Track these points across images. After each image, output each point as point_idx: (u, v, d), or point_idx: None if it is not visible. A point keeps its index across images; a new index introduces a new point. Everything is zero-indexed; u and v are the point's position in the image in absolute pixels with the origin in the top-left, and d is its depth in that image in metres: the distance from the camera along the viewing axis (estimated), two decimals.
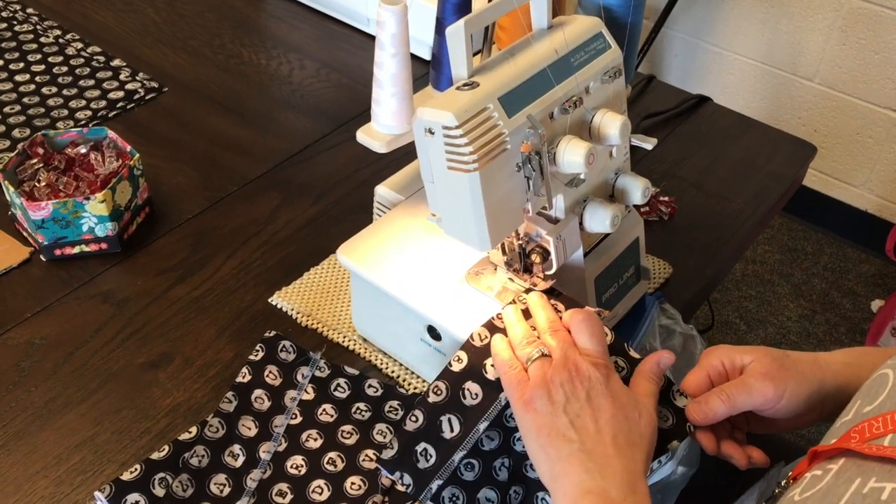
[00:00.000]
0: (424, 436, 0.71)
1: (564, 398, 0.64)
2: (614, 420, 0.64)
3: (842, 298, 2.20)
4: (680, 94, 1.30)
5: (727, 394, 0.69)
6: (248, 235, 1.02)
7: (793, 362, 0.71)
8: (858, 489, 0.51)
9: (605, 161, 0.81)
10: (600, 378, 0.65)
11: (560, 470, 0.63)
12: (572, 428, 0.64)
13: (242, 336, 0.90)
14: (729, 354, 0.72)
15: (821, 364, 0.72)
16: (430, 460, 0.71)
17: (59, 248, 0.95)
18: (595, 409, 0.64)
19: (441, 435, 0.71)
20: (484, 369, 0.72)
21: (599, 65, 0.77)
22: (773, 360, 0.70)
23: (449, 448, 0.71)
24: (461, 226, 0.73)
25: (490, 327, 0.74)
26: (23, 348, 0.87)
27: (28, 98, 1.19)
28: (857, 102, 2.18)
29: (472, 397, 0.71)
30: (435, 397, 0.72)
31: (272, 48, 1.35)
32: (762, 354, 0.71)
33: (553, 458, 0.64)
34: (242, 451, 0.78)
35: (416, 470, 0.71)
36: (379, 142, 0.82)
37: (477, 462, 0.72)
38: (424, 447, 0.71)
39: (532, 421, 0.65)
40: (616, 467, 0.62)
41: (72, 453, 0.79)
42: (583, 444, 0.63)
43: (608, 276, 0.85)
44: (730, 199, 1.12)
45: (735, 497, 0.81)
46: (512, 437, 0.72)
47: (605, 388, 0.65)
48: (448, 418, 0.71)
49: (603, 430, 0.63)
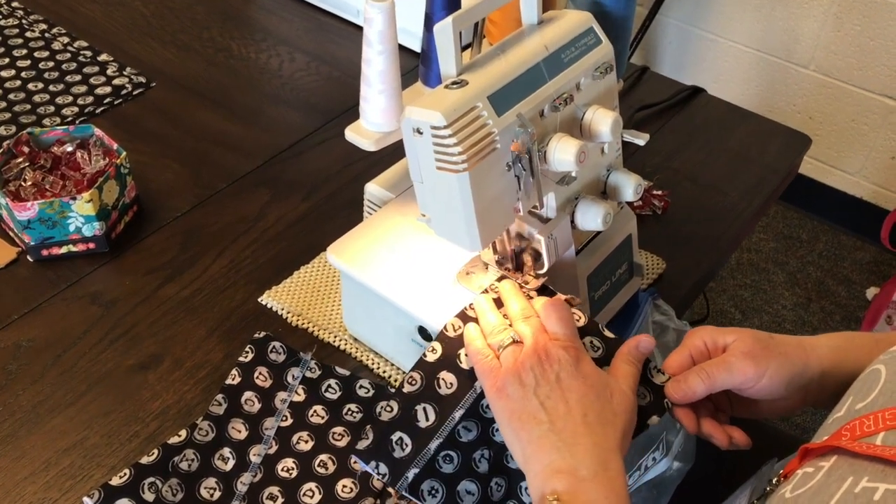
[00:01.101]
0: (400, 425, 0.71)
1: (534, 381, 0.65)
2: (585, 399, 0.64)
3: (837, 286, 2.20)
4: (673, 85, 1.29)
5: (707, 372, 0.69)
6: (237, 233, 1.01)
7: (776, 343, 0.71)
8: (850, 488, 0.51)
9: (597, 158, 0.80)
10: (569, 360, 0.66)
11: (531, 451, 0.64)
12: (542, 409, 0.64)
13: (232, 336, 0.89)
14: (712, 335, 0.72)
15: (805, 347, 0.72)
16: (405, 449, 0.70)
17: (46, 249, 0.94)
18: (565, 390, 0.65)
19: (416, 424, 0.71)
20: (458, 359, 0.72)
21: (590, 60, 0.76)
22: (755, 341, 0.70)
23: (424, 436, 0.70)
24: (451, 226, 0.72)
25: (463, 317, 0.74)
26: (10, 351, 0.86)
27: (14, 94, 1.18)
28: (853, 89, 2.17)
29: (447, 387, 0.71)
30: (410, 387, 0.72)
31: (261, 41, 1.33)
32: (745, 335, 0.71)
33: (524, 440, 0.64)
34: (232, 454, 0.78)
35: (391, 459, 0.70)
36: (368, 140, 0.81)
37: (456, 454, 0.72)
38: (400, 436, 0.71)
39: (504, 407, 0.66)
40: (586, 445, 0.62)
41: (60, 457, 0.78)
42: (552, 424, 0.63)
43: (601, 274, 0.84)
44: (724, 191, 1.11)
45: (729, 494, 0.81)
46: (490, 429, 0.72)
47: (574, 369, 0.65)
48: (423, 407, 0.71)
49: (573, 409, 0.64)
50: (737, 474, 0.81)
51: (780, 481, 0.62)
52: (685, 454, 0.91)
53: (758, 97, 2.33)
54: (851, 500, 0.50)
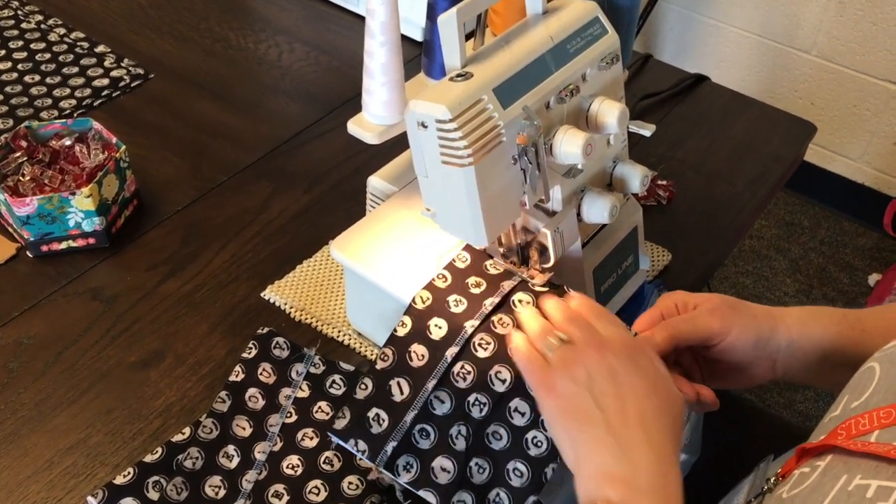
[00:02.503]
0: (375, 401, 0.71)
1: (588, 377, 0.61)
2: (643, 399, 0.61)
3: (839, 273, 2.19)
4: (677, 73, 1.28)
5: (671, 324, 0.69)
6: (239, 227, 1.00)
7: (745, 306, 0.71)
8: (844, 486, 0.51)
9: (603, 149, 0.79)
10: (627, 354, 0.63)
11: (584, 452, 0.60)
12: (597, 407, 0.60)
13: (235, 332, 0.88)
14: (683, 297, 0.73)
15: (774, 314, 0.72)
16: (382, 424, 0.71)
17: (45, 244, 0.93)
18: (621, 386, 0.61)
19: (392, 399, 0.71)
20: (428, 330, 0.72)
21: (596, 51, 0.75)
22: (723, 301, 0.71)
23: (400, 410, 0.71)
24: (457, 221, 0.72)
25: (431, 289, 0.74)
26: (11, 348, 0.86)
27: (10, 87, 1.17)
28: (855, 74, 2.15)
29: (418, 359, 0.71)
30: (383, 363, 0.72)
31: (260, 31, 1.32)
32: (714, 297, 0.72)
33: (578, 440, 0.61)
34: (237, 451, 0.77)
35: (369, 435, 0.71)
36: (371, 133, 0.80)
37: (432, 429, 0.71)
38: (376, 412, 0.71)
39: (555, 405, 0.62)
40: (645, 452, 0.59)
41: (63, 456, 0.77)
42: (608, 424, 0.60)
43: (607, 267, 0.83)
44: (729, 181, 1.10)
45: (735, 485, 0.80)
46: (466, 403, 0.70)
47: (632, 363, 0.62)
48: (397, 381, 0.71)
49: (629, 409, 0.60)
50: (743, 465, 0.81)
51: (779, 481, 0.62)
52: (692, 446, 0.90)
53: (760, 83, 2.31)
54: (845, 498, 0.50)
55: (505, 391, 0.69)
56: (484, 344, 0.70)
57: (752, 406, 1.06)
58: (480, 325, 0.71)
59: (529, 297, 0.73)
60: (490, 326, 0.71)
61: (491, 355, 0.69)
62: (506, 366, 0.69)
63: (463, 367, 0.70)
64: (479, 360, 0.70)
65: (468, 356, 0.70)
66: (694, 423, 0.90)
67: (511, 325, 0.71)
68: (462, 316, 0.72)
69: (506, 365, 0.69)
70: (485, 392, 0.69)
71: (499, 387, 0.69)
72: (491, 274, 0.75)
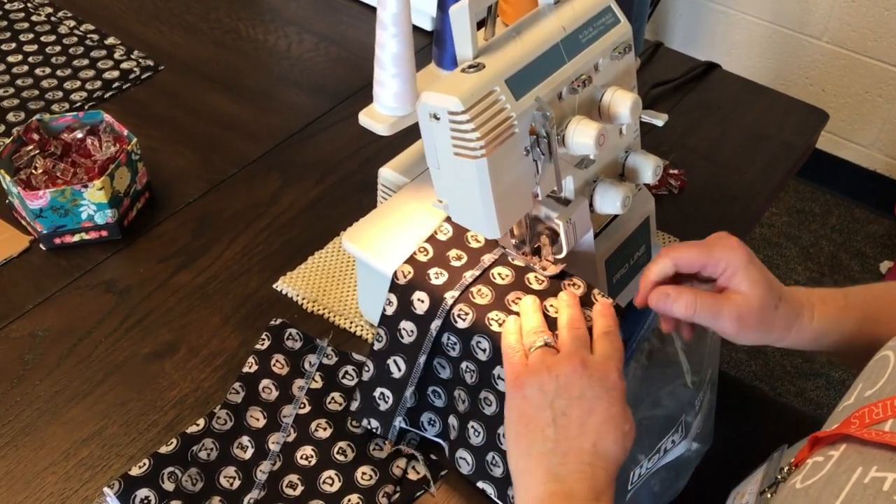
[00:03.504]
0: (378, 381, 0.76)
1: (555, 391, 0.62)
2: (601, 427, 0.61)
3: (850, 260, 2.18)
4: (687, 61, 1.27)
5: (696, 304, 0.66)
6: (250, 219, 1.00)
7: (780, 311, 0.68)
8: (860, 479, 0.51)
9: (616, 140, 0.78)
10: (605, 382, 0.62)
11: (526, 465, 0.62)
12: (553, 425, 0.61)
13: (248, 323, 0.88)
14: (731, 269, 0.67)
15: (798, 296, 0.70)
16: (388, 402, 0.76)
17: (58, 237, 0.94)
18: (584, 411, 0.61)
19: (391, 376, 0.75)
20: (412, 305, 0.73)
21: (609, 41, 0.74)
22: (762, 307, 0.67)
23: (400, 386, 0.75)
24: (469, 212, 0.71)
25: (412, 263, 0.74)
26: (26, 341, 0.86)
27: (21, 80, 1.17)
28: (867, 60, 2.14)
29: (408, 335, 0.74)
30: (379, 344, 0.76)
31: (269, 21, 1.32)
32: (754, 296, 0.67)
33: (524, 451, 0.62)
34: (251, 442, 0.77)
35: (378, 413, 0.76)
36: (382, 124, 0.79)
37: (442, 391, 0.75)
38: (381, 391, 0.76)
39: (517, 406, 0.63)
40: (586, 475, 0.60)
41: (79, 448, 0.78)
42: (557, 444, 0.61)
43: (619, 257, 0.83)
44: (741, 170, 1.10)
45: (747, 474, 0.80)
46: (460, 369, 0.73)
47: (606, 392, 0.62)
48: (394, 360, 0.75)
49: (586, 434, 0.61)
50: (755, 454, 0.81)
51: (792, 470, 0.62)
52: (703, 435, 0.90)
53: (770, 70, 2.30)
54: (861, 492, 0.50)
55: (486, 360, 0.70)
56: (462, 315, 0.71)
57: (763, 395, 1.06)
58: (460, 295, 0.72)
59: (542, 279, 0.74)
60: (469, 297, 0.72)
61: (469, 326, 0.70)
62: (484, 336, 0.70)
63: (449, 339, 0.72)
64: (460, 331, 0.71)
65: (450, 327, 0.71)
66: (706, 411, 0.90)
67: (489, 297, 0.72)
68: (442, 287, 0.73)
69: (484, 335, 0.70)
70: (471, 360, 0.71)
71: (480, 356, 0.71)
72: (472, 247, 0.77)
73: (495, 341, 0.69)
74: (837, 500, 0.51)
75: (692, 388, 0.84)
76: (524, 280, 0.73)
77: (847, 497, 0.50)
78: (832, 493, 0.52)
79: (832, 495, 0.51)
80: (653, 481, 0.87)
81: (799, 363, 1.94)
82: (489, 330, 0.70)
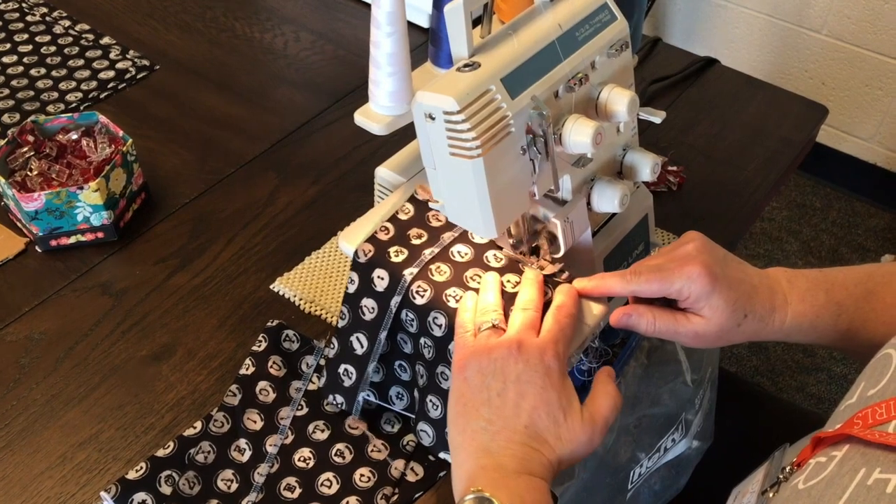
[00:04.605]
0: (342, 358, 0.77)
1: (493, 373, 0.63)
2: (534, 411, 0.62)
3: (851, 254, 2.18)
4: (686, 56, 1.26)
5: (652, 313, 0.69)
6: (247, 219, 1.00)
7: (733, 279, 0.69)
8: (863, 480, 0.50)
9: (613, 137, 0.78)
10: (539, 364, 0.63)
11: (461, 442, 0.63)
12: (488, 405, 0.62)
13: (245, 325, 0.88)
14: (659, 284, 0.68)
15: (774, 303, 0.70)
16: (351, 377, 0.77)
17: (54, 239, 0.93)
18: (519, 394, 0.62)
19: (354, 353, 0.76)
20: (373, 283, 0.74)
21: (605, 38, 0.74)
22: (706, 268, 0.67)
23: (363, 362, 0.76)
24: (466, 212, 0.71)
25: (372, 241, 0.75)
26: (22, 344, 0.86)
27: (16, 80, 1.16)
28: (867, 53, 2.13)
29: (369, 312, 0.75)
30: (342, 322, 0.77)
31: (266, 20, 1.31)
32: (697, 258, 0.68)
33: (460, 428, 0.63)
34: (248, 445, 0.77)
35: (343, 389, 0.78)
36: (378, 124, 0.79)
37: (407, 364, 0.76)
38: (345, 367, 0.77)
39: (458, 388, 0.64)
40: (517, 453, 0.61)
41: (76, 451, 0.78)
42: (490, 423, 0.62)
43: (617, 256, 0.83)
44: (740, 166, 1.09)
45: (750, 472, 0.80)
46: (419, 345, 0.73)
47: (540, 377, 0.62)
48: (356, 337, 0.76)
49: (521, 416, 0.62)
50: (756, 452, 0.80)
51: (794, 470, 0.62)
52: (703, 433, 0.90)
53: (770, 63, 2.29)
54: (864, 493, 0.49)
55: (442, 335, 0.71)
56: (421, 291, 0.72)
57: (763, 392, 1.06)
58: (419, 272, 0.73)
59: (501, 257, 0.75)
60: (427, 274, 0.73)
61: (427, 302, 0.71)
62: (441, 312, 0.71)
63: (407, 315, 0.73)
64: (418, 308, 0.72)
65: (409, 304, 0.72)
66: (706, 409, 0.89)
67: (448, 274, 0.73)
68: (402, 265, 0.74)
69: (441, 311, 0.71)
70: (428, 336, 0.72)
71: (436, 331, 0.71)
72: (433, 226, 0.77)
73: (451, 317, 0.70)
74: (840, 501, 0.50)
75: (692, 386, 0.83)
76: (483, 258, 0.75)
77: (850, 498, 0.50)
78: (835, 494, 0.51)
79: (835, 496, 0.51)
80: (653, 480, 0.86)
81: (800, 358, 1.93)
82: (446, 306, 0.71)
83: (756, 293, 0.69)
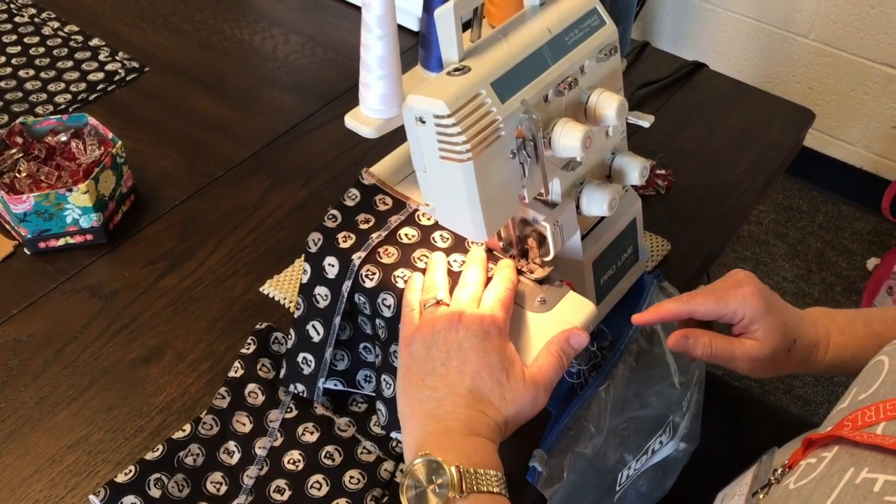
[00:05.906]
0: (301, 347, 0.78)
1: (436, 344, 0.65)
2: (477, 375, 0.64)
3: (837, 257, 2.19)
4: (674, 60, 1.27)
5: (711, 345, 0.72)
6: (237, 222, 1.00)
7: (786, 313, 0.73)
8: (851, 479, 0.51)
9: (602, 141, 0.78)
10: (479, 331, 0.65)
11: (409, 412, 0.65)
12: (433, 374, 0.65)
13: (234, 328, 0.88)
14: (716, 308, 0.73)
15: (816, 341, 0.74)
16: (310, 365, 0.78)
17: (43, 241, 0.93)
18: (462, 361, 0.64)
19: (311, 340, 0.77)
20: (324, 271, 0.75)
21: (594, 43, 0.74)
22: (762, 299, 0.71)
23: (320, 349, 0.77)
24: (456, 215, 0.71)
25: (321, 230, 0.77)
26: (10, 346, 0.86)
27: (5, 82, 1.16)
28: (853, 58, 2.15)
29: (323, 300, 0.76)
30: (298, 312, 0.78)
31: (255, 22, 1.31)
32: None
33: (407, 399, 0.65)
34: (238, 447, 0.77)
35: (303, 377, 0.79)
36: (368, 127, 0.79)
37: (372, 346, 0.78)
38: (303, 356, 0.78)
39: (404, 363, 0.67)
40: (462, 416, 0.62)
41: (65, 454, 0.77)
42: (435, 390, 0.64)
43: (606, 259, 0.83)
44: (728, 170, 1.10)
45: (736, 473, 0.81)
46: (375, 325, 0.75)
47: (479, 341, 0.65)
48: (312, 325, 0.77)
49: (464, 380, 0.64)
50: (742, 454, 0.81)
51: (785, 472, 0.62)
52: (691, 435, 0.91)
53: (757, 67, 2.30)
54: (852, 492, 0.50)
55: (391, 315, 0.73)
56: (370, 274, 0.73)
57: (750, 395, 1.06)
58: (367, 256, 0.74)
59: (447, 237, 0.76)
60: (376, 257, 0.74)
61: (376, 284, 0.73)
62: (390, 293, 0.72)
63: (359, 299, 0.74)
64: (368, 290, 0.73)
65: (359, 287, 0.74)
66: (693, 412, 0.90)
67: (396, 256, 0.74)
68: (350, 250, 0.75)
69: (390, 292, 0.72)
70: (380, 317, 0.74)
71: (386, 312, 0.73)
72: (379, 210, 0.79)
73: (400, 298, 0.72)
74: (829, 499, 0.51)
75: (679, 388, 0.84)
76: (430, 239, 0.76)
77: (838, 497, 0.51)
78: (824, 492, 0.52)
79: (824, 495, 0.52)
80: (640, 481, 0.87)
81: None
82: (395, 287, 0.72)
83: (801, 321, 0.73)
